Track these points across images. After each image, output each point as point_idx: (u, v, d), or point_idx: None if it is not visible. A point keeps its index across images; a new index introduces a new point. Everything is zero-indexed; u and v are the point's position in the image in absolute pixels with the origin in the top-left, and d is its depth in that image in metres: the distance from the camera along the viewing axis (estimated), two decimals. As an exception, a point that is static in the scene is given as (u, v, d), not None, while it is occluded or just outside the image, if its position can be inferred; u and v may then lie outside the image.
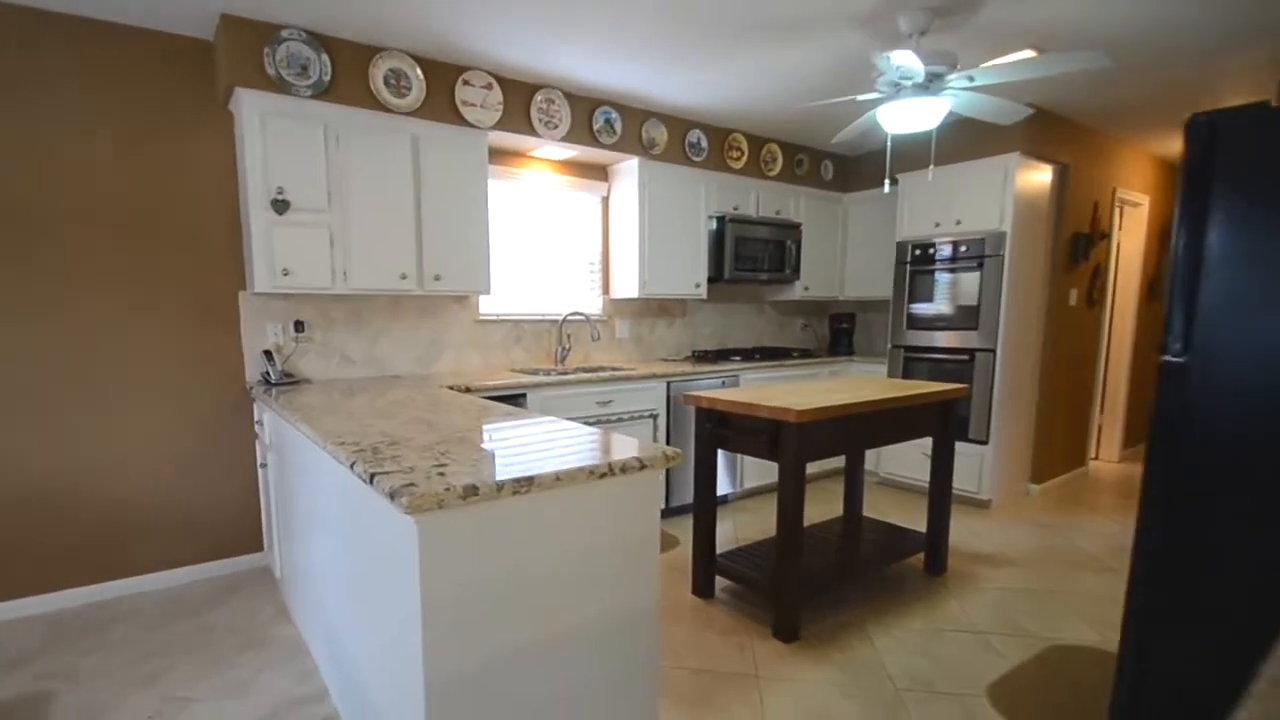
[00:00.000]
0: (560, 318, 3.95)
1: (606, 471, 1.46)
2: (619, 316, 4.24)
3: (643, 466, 1.53)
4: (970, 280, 4.03)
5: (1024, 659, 2.38)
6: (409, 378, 3.28)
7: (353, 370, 3.30)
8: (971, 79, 2.83)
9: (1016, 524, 3.77)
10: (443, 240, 3.22)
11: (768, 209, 4.50)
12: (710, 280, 4.26)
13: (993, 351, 3.96)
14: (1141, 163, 4.91)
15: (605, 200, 4.13)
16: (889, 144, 4.35)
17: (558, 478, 1.38)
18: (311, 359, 3.16)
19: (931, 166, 2.98)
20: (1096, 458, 5.19)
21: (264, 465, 2.94)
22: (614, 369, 3.88)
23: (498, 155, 3.67)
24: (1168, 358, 1.68)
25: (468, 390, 3.00)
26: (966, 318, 4.06)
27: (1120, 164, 4.67)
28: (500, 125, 3.34)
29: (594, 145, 3.65)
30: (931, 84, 2.88)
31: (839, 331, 4.96)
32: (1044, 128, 3.92)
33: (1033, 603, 2.82)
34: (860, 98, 2.98)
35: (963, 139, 4.01)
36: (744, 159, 4.29)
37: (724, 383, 3.99)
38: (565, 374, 3.53)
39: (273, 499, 2.84)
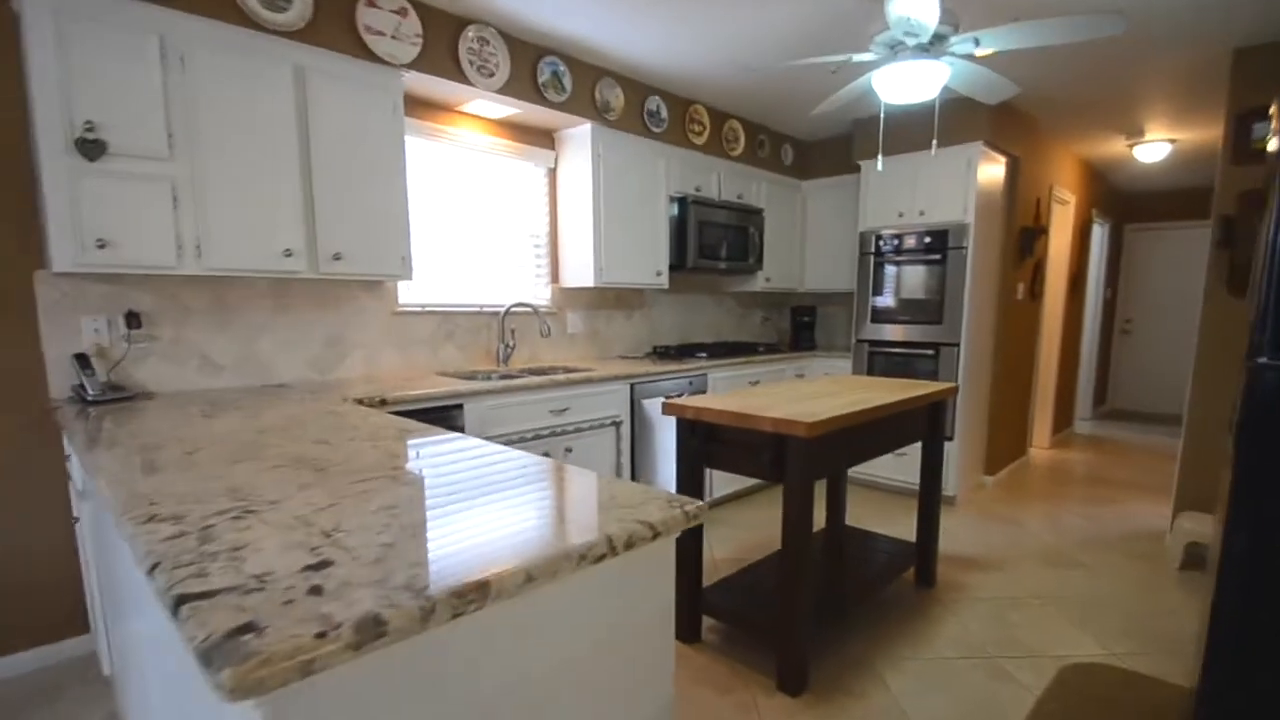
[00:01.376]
0: (502, 310, 3.04)
1: (606, 551, 0.77)
2: (571, 308, 3.38)
3: (655, 535, 0.83)
4: (934, 273, 3.49)
5: (1043, 684, 1.93)
6: (299, 387, 2.29)
7: (219, 378, 2.26)
8: (977, 42, 2.21)
9: (983, 520, 3.28)
10: (343, 209, 2.25)
11: (730, 192, 3.77)
12: (672, 268, 3.48)
13: (957, 346, 3.43)
14: (1070, 163, 4.59)
15: (552, 173, 3.24)
16: (881, 114, 3.70)
17: (529, 575, 0.66)
18: (156, 364, 2.10)
19: (935, 143, 2.35)
20: (1032, 445, 4.89)
21: (78, 519, 1.88)
22: (568, 369, 3.03)
23: (420, 107, 2.71)
24: (1264, 360, 1.37)
25: (382, 403, 2.07)
26: (931, 311, 3.51)
27: (1056, 162, 4.31)
28: (420, 65, 2.39)
29: (539, 102, 2.76)
30: (933, 46, 2.24)
31: (801, 325, 4.33)
32: (1005, 117, 3.42)
33: (1027, 613, 2.32)
34: (857, 57, 2.30)
35: (927, 126, 3.44)
36: (705, 134, 3.52)
37: (690, 383, 3.23)
38: (511, 377, 2.65)
39: (93, 567, 1.81)
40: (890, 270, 3.66)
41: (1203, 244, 6.13)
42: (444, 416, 2.28)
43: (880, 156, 2.32)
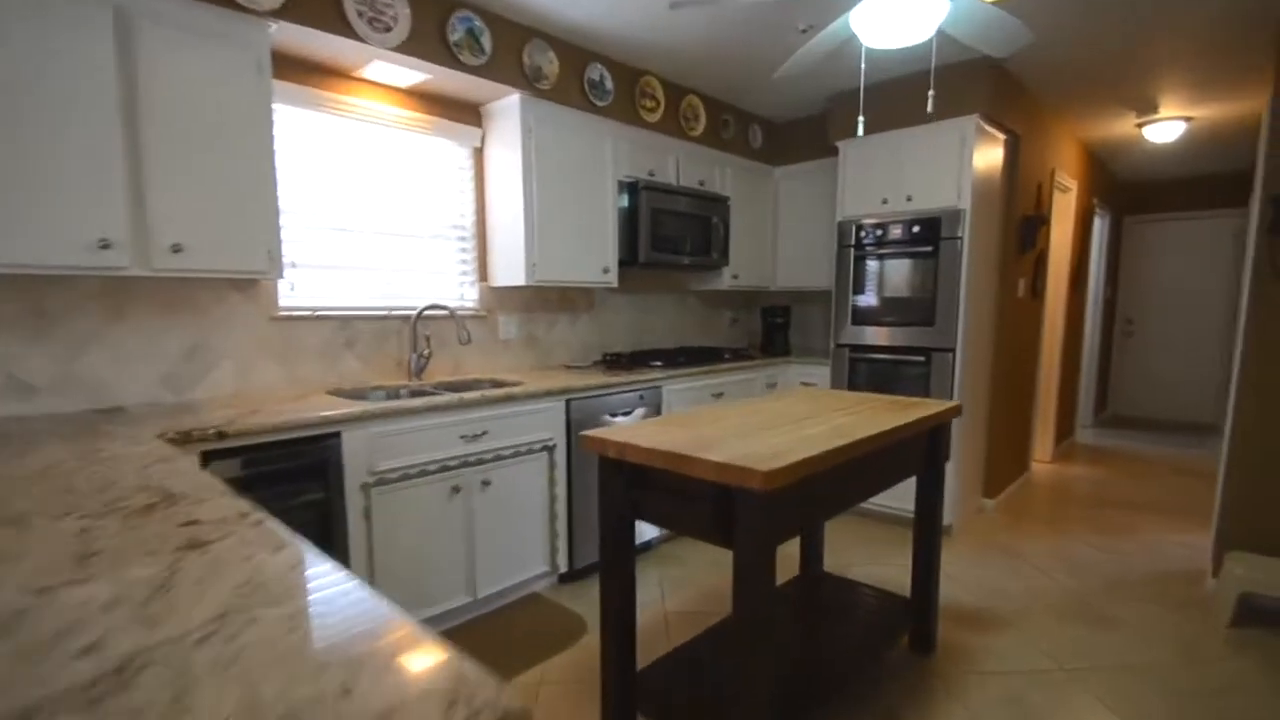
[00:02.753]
0: (414, 313, 2.62)
1: None
2: (504, 311, 2.96)
3: None
4: (924, 267, 3.11)
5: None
6: (137, 412, 1.85)
7: (30, 402, 1.82)
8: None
9: (986, 555, 2.90)
10: (186, 192, 1.82)
11: (690, 178, 3.37)
12: (622, 264, 3.07)
13: (952, 351, 3.05)
14: (1072, 146, 4.24)
15: (479, 153, 2.82)
16: (861, 61, 3.32)
17: None
18: (-81, 390, 1.67)
19: (931, 95, 1.95)
20: (1034, 460, 4.52)
21: None
22: (496, 382, 2.62)
23: (304, 70, 2.28)
24: None
25: (220, 436, 1.64)
26: (921, 311, 3.13)
27: (1058, 143, 3.96)
28: (291, 14, 1.97)
29: (451, 65, 2.34)
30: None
31: (773, 327, 3.93)
32: (1004, 88, 3.05)
33: (1050, 693, 1.89)
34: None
35: (915, 97, 3.06)
36: (660, 111, 3.12)
37: (641, 397, 2.82)
38: (425, 393, 2.23)
39: None
40: (873, 265, 3.27)
41: (1212, 235, 5.84)
42: (311, 450, 1.85)
43: (861, 121, 1.93)
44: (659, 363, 3.05)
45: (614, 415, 2.70)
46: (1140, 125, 3.82)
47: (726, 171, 3.57)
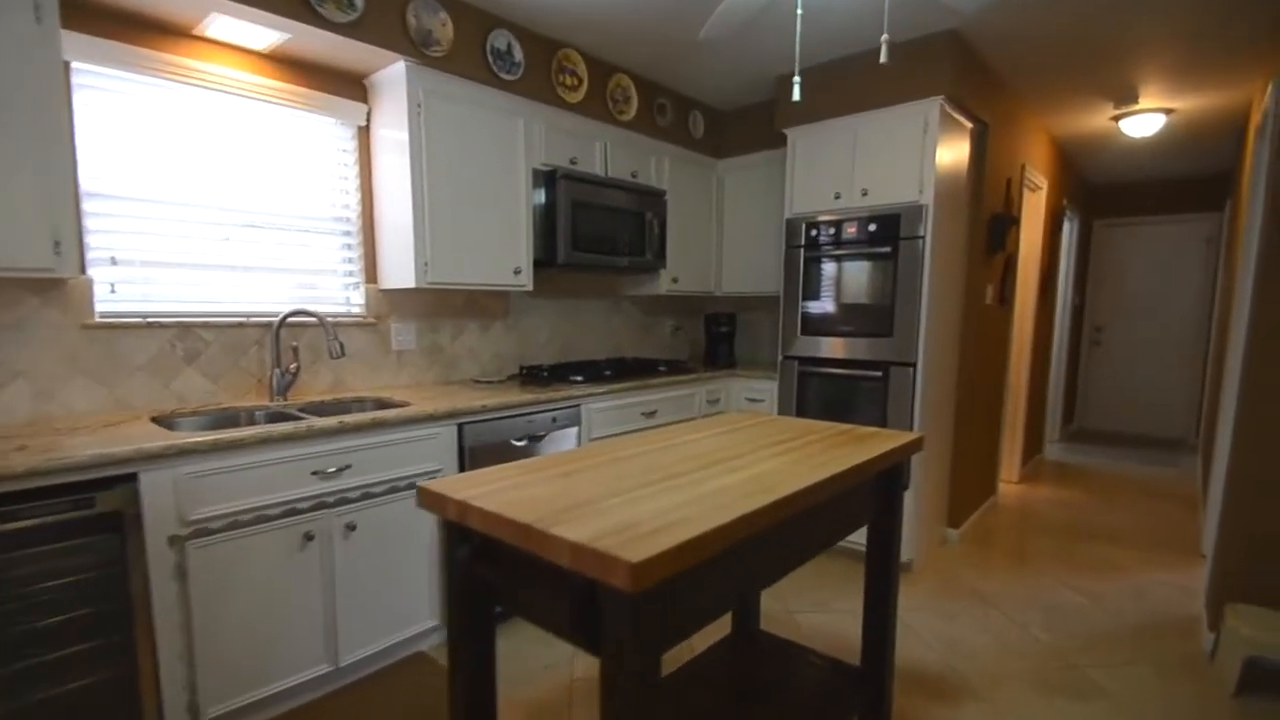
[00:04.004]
0: (276, 319, 2.22)
1: None
2: (398, 317, 2.58)
3: None
4: (882, 270, 2.82)
5: None
6: None
7: None
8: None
9: (951, 600, 2.60)
10: (-88, 156, 1.42)
11: (620, 168, 3.03)
12: (539, 264, 2.72)
13: (912, 365, 2.76)
14: (1042, 141, 4.03)
15: (365, 132, 2.44)
16: (798, 16, 3.03)
17: None
18: None
19: (885, 39, 1.63)
20: (1001, 480, 4.29)
21: None
22: (381, 402, 2.25)
23: (118, 23, 1.88)
24: None
25: (-76, 490, 1.23)
26: (878, 320, 2.84)
27: (1028, 137, 3.73)
28: (78, -61, 1.58)
29: (311, 21, 1.97)
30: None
31: (716, 336, 3.61)
32: (969, 67, 2.79)
33: None
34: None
35: (872, 76, 2.78)
36: (583, 90, 2.78)
37: (555, 419, 2.46)
38: (286, 415, 1.84)
39: None
40: (827, 268, 2.98)
41: (1184, 239, 5.71)
42: (93, 499, 1.45)
43: (796, 82, 1.60)
44: (580, 377, 2.69)
45: (520, 441, 2.34)
46: (1117, 118, 3.61)
47: (663, 162, 3.24)
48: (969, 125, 2.98)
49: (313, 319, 2.27)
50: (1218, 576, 2.20)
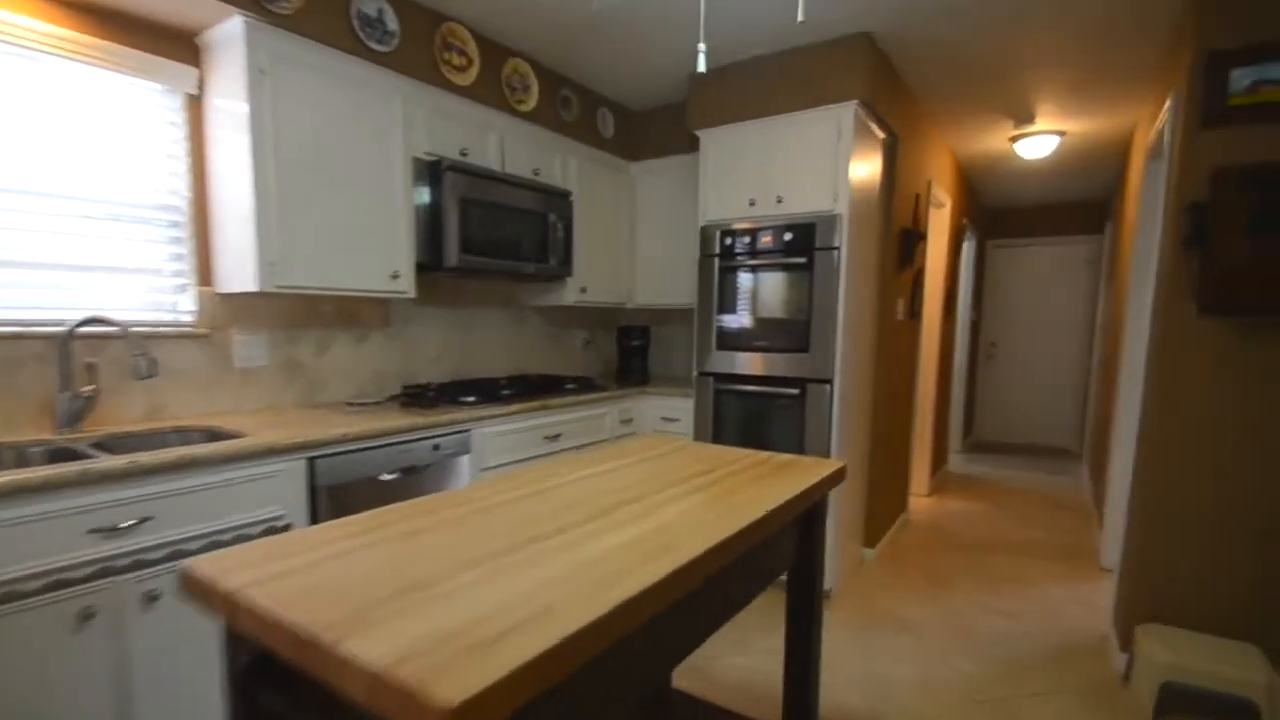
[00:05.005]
0: (65, 329, 1.75)
1: None
2: (242, 327, 2.14)
3: None
4: (798, 282, 2.69)
5: None
6: None
7: None
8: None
9: (872, 630, 2.46)
10: None
11: (520, 163, 2.74)
12: (424, 268, 2.37)
13: (829, 383, 2.63)
14: (946, 159, 4.12)
15: (196, 101, 2.01)
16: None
17: None
18: None
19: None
20: (912, 493, 4.30)
21: None
22: (212, 432, 1.82)
23: None
24: None
25: None
26: (795, 335, 2.70)
27: (934, 154, 3.78)
28: None
29: (107, -49, 1.56)
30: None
31: (629, 351, 3.36)
32: (882, 74, 2.72)
33: None
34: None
35: (786, 78, 2.66)
36: (474, 71, 2.47)
37: (438, 446, 2.11)
38: (72, 452, 1.39)
39: None
40: (743, 279, 2.81)
41: (1068, 260, 6.11)
42: None
43: (701, 51, 1.38)
44: (472, 397, 2.36)
45: (391, 475, 1.97)
46: (1015, 139, 3.72)
47: (570, 161, 2.98)
48: (881, 136, 2.93)
49: (115, 328, 1.80)
50: (1126, 597, 2.18)
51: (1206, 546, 1.99)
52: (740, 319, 2.82)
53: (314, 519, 1.78)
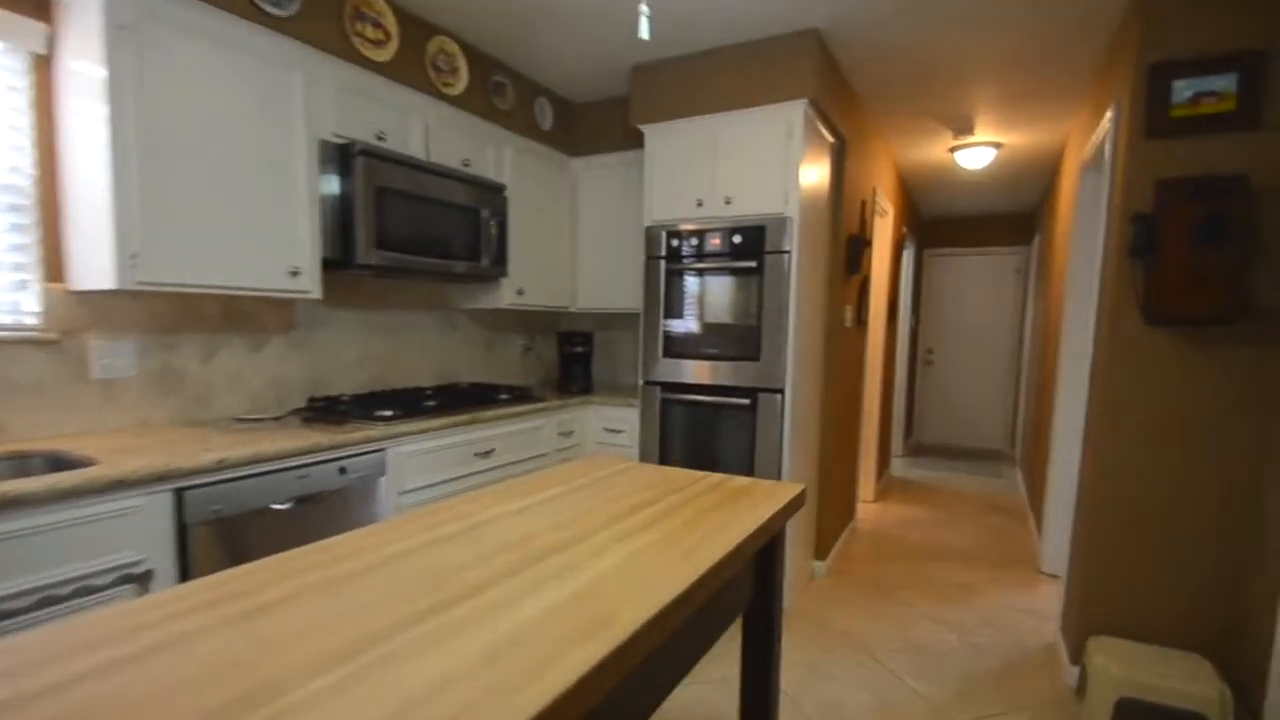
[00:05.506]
0: None
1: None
2: (102, 332, 1.80)
3: None
4: (748, 287, 2.56)
5: None
6: None
7: None
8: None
9: (826, 651, 2.34)
10: None
11: (448, 152, 2.49)
12: (332, 265, 2.08)
13: (780, 393, 2.51)
14: (889, 167, 4.12)
15: (45, 62, 1.68)
16: None
17: None
18: None
19: None
20: (859, 500, 4.26)
21: None
22: (57, 459, 1.50)
23: None
24: None
25: None
26: (745, 343, 2.56)
27: (879, 162, 3.76)
28: None
29: None
30: None
31: (571, 358, 3.15)
32: (830, 73, 2.64)
33: None
34: None
35: (734, 74, 2.53)
36: (392, 47, 2.21)
37: (344, 469, 1.84)
38: None
39: None
40: (691, 283, 2.66)
41: (997, 270, 6.32)
42: None
43: (644, 12, 1.20)
44: (391, 411, 2.09)
45: (283, 504, 1.69)
46: (954, 149, 3.75)
47: (505, 153, 2.75)
48: (830, 139, 2.85)
49: (-76, 334, 1.45)
50: (1076, 608, 2.14)
51: (1156, 558, 1.97)
52: (688, 325, 2.67)
53: (184, 563, 1.49)
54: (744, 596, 1.24)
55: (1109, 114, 2.17)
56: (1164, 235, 1.82)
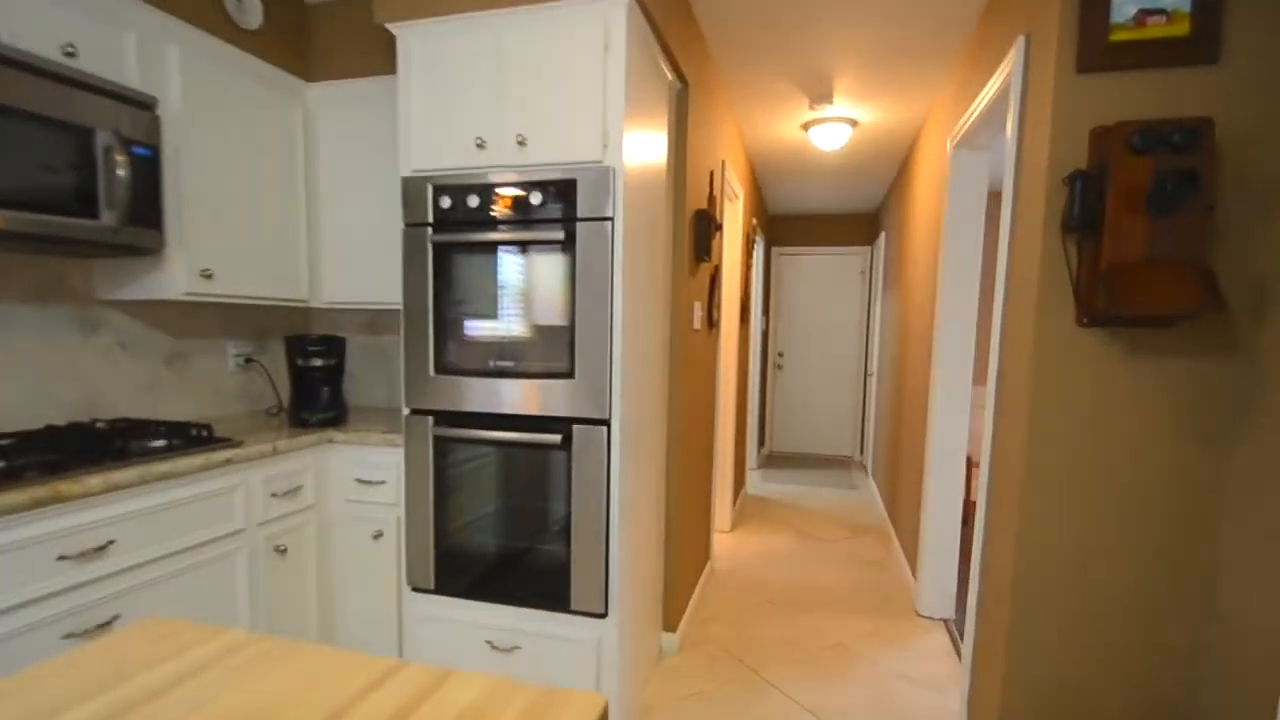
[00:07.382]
0: None
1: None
2: None
3: None
4: (553, 269, 1.77)
5: None
6: None
7: None
8: None
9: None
10: None
11: (35, 30, 1.42)
12: None
13: (605, 424, 1.76)
14: (738, 143, 3.60)
15: None
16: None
17: None
18: None
19: None
20: (715, 531, 3.67)
21: None
22: None
23: None
24: None
25: None
26: (551, 350, 1.78)
27: (727, 132, 3.20)
28: None
29: None
30: None
31: (308, 375, 2.14)
32: (672, -7, 1.95)
33: None
34: None
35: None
36: None
37: None
38: None
39: None
40: (470, 262, 1.81)
41: (843, 270, 6.23)
42: None
43: None
44: None
45: None
46: (809, 125, 3.30)
47: (165, 51, 1.71)
48: (670, 77, 2.17)
49: None
50: (996, 702, 1.62)
51: (1098, 630, 1.49)
52: (471, 325, 1.82)
53: None
54: None
55: (1011, 53, 1.70)
56: (1111, 201, 1.32)
